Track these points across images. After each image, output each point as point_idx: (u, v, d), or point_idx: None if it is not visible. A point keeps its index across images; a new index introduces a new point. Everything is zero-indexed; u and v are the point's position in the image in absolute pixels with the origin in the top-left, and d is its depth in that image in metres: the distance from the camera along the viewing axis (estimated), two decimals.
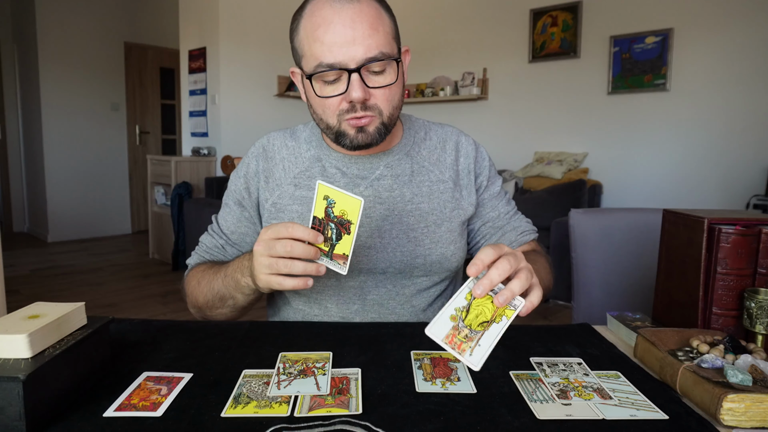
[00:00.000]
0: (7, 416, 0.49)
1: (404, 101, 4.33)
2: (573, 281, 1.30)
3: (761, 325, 0.67)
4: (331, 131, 0.85)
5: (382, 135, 0.84)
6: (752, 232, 0.71)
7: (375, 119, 0.82)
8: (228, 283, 0.85)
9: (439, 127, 1.01)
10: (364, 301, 0.91)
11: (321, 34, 0.77)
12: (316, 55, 0.78)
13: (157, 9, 5.95)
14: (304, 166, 0.94)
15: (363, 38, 0.77)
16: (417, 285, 0.93)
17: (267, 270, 0.72)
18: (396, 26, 0.85)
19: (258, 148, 0.98)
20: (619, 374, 0.65)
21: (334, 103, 0.81)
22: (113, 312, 3.25)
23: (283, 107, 4.98)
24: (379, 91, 0.81)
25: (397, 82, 0.83)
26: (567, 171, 4.11)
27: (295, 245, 0.69)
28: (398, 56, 0.82)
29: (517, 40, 4.57)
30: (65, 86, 5.35)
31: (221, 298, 0.87)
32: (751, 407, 0.53)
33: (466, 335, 0.59)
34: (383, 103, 0.82)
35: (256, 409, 0.55)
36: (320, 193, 0.69)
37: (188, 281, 0.95)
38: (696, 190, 3.74)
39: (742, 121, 3.52)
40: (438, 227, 0.92)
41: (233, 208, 0.98)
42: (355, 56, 0.77)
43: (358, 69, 0.77)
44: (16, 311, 0.59)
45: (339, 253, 0.70)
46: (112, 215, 5.82)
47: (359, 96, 0.78)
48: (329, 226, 0.70)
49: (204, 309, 0.91)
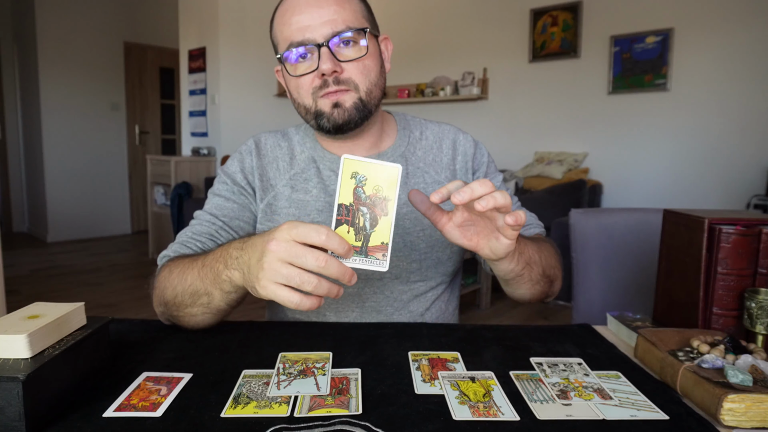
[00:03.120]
0: (7, 416, 0.49)
1: (404, 101, 4.29)
2: (573, 281, 1.30)
3: (761, 325, 0.67)
4: (310, 114, 0.84)
5: (361, 112, 0.83)
6: (752, 232, 0.71)
7: (350, 93, 0.81)
8: (205, 275, 0.69)
9: (437, 125, 0.99)
10: (362, 308, 0.90)
11: (289, 17, 0.81)
12: (286, 38, 0.81)
13: (157, 9, 5.95)
14: (299, 168, 0.92)
15: (329, 14, 0.79)
16: (414, 290, 0.92)
17: (281, 280, 0.57)
18: (368, 10, 0.86)
19: (250, 145, 0.94)
20: (619, 374, 0.65)
21: (307, 81, 0.82)
22: (113, 312, 3.25)
23: (282, 107, 4.98)
24: (351, 64, 0.81)
25: (369, 55, 0.82)
26: (567, 171, 4.11)
27: (330, 262, 0.55)
28: (369, 29, 0.82)
29: (517, 40, 4.57)
30: (65, 86, 5.35)
31: (192, 294, 0.71)
32: (752, 407, 0.53)
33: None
34: (358, 76, 0.81)
35: (256, 410, 0.55)
36: (346, 170, 0.56)
37: (159, 273, 0.80)
38: (696, 190, 3.74)
39: (742, 121, 3.51)
40: (434, 230, 0.91)
41: (230, 197, 0.90)
42: (323, 32, 0.79)
43: (326, 43, 0.79)
44: (15, 311, 0.59)
45: (376, 243, 0.58)
46: (112, 215, 5.82)
47: (329, 67, 0.78)
48: (360, 212, 0.57)
49: (170, 307, 0.76)
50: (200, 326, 0.77)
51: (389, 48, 0.90)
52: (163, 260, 0.84)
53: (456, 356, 0.69)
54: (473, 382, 0.62)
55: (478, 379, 0.63)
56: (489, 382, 0.62)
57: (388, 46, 0.90)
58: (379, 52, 0.87)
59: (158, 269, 0.82)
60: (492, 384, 0.61)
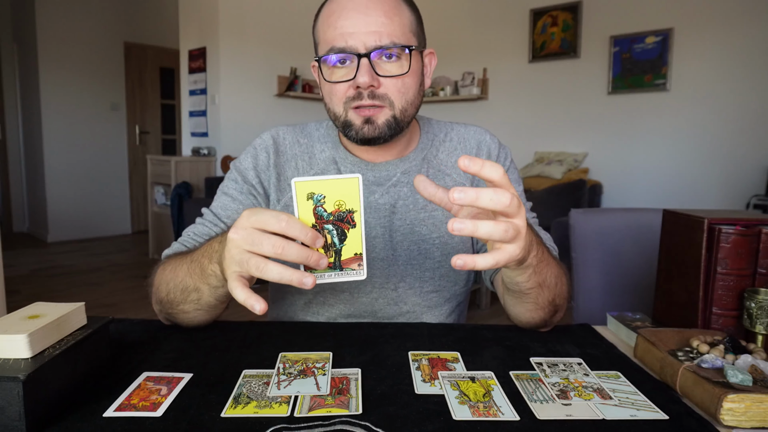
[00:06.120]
0: (7, 416, 0.49)
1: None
2: (573, 281, 1.30)
3: (761, 325, 0.67)
4: (339, 121, 0.82)
5: (393, 129, 0.80)
6: (752, 232, 0.71)
7: (384, 110, 0.79)
8: (193, 271, 0.68)
9: (463, 127, 0.96)
10: (374, 318, 0.89)
11: (335, 20, 0.78)
12: (328, 40, 0.78)
13: (157, 9, 5.95)
14: (319, 168, 0.89)
15: (376, 25, 0.76)
16: (427, 301, 0.90)
17: (237, 268, 0.56)
18: (419, 22, 0.83)
19: (267, 140, 0.91)
20: (619, 374, 0.65)
21: (342, 89, 0.79)
22: (113, 312, 3.25)
23: (283, 107, 4.98)
24: (390, 81, 0.78)
25: (411, 73, 0.79)
26: (567, 171, 4.11)
27: (288, 246, 0.53)
28: (415, 47, 0.80)
29: (517, 40, 4.57)
30: (65, 86, 5.35)
31: (183, 290, 0.71)
32: (751, 407, 0.53)
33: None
34: (395, 94, 0.78)
35: (256, 409, 0.55)
36: (300, 193, 0.55)
37: (156, 271, 0.79)
38: (696, 190, 3.74)
39: (741, 121, 3.52)
40: (451, 237, 0.89)
41: (237, 197, 0.88)
42: (366, 42, 0.76)
43: (368, 54, 0.76)
44: (16, 311, 0.59)
45: (349, 256, 0.57)
46: (112, 215, 5.82)
47: (366, 80, 0.75)
48: (326, 230, 0.56)
49: (165, 305, 0.75)
50: (195, 324, 0.77)
51: (433, 63, 0.87)
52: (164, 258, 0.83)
53: (456, 356, 0.69)
54: (473, 382, 0.62)
55: (478, 379, 0.63)
56: (489, 382, 0.62)
57: (432, 61, 0.87)
58: (422, 67, 0.84)
59: (157, 266, 0.81)
60: (492, 384, 0.61)
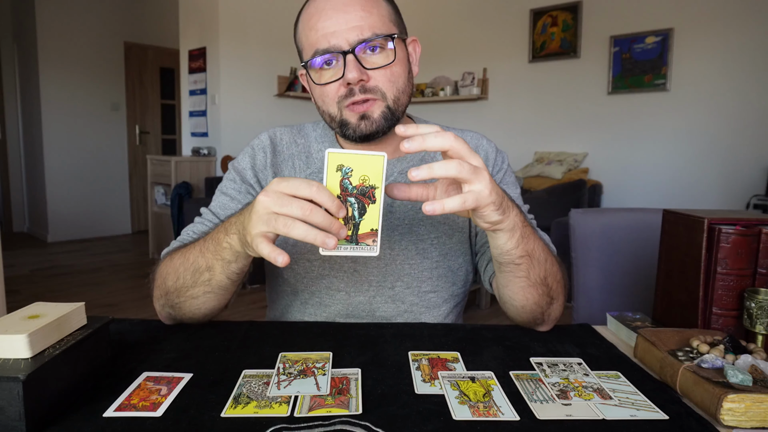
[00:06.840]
0: (7, 416, 0.49)
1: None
2: (573, 281, 1.30)
3: (761, 325, 0.67)
4: (335, 122, 0.82)
5: (389, 120, 0.80)
6: (752, 232, 0.71)
7: (378, 102, 0.79)
8: (206, 249, 0.72)
9: (460, 132, 0.96)
10: (373, 318, 0.89)
11: (315, 23, 0.78)
12: (312, 44, 0.79)
13: (157, 9, 5.95)
14: (316, 167, 0.90)
15: (356, 20, 0.76)
16: (425, 302, 0.90)
17: (265, 228, 0.59)
18: (396, 12, 0.84)
19: (264, 140, 0.92)
20: (619, 374, 0.65)
21: (333, 89, 0.79)
22: (113, 312, 3.25)
23: (283, 107, 4.98)
24: (378, 72, 0.78)
25: (397, 62, 0.79)
26: (567, 171, 4.11)
27: (315, 210, 0.57)
28: (397, 35, 0.80)
29: (517, 40, 4.57)
30: (65, 86, 5.35)
31: (194, 272, 0.73)
32: (752, 407, 0.53)
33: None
34: (385, 84, 0.79)
35: (256, 409, 0.55)
36: (332, 163, 0.58)
37: (159, 265, 0.81)
38: (696, 190, 3.74)
39: (742, 120, 3.52)
40: (449, 238, 0.89)
41: (235, 196, 0.89)
42: (349, 38, 0.76)
43: (352, 50, 0.76)
44: (16, 311, 0.59)
45: (365, 231, 0.60)
46: (112, 215, 5.82)
47: (355, 76, 0.76)
48: (348, 203, 0.60)
49: (172, 294, 0.76)
50: (201, 314, 0.78)
51: (417, 50, 0.87)
52: (163, 256, 0.84)
53: (456, 356, 0.69)
54: (473, 382, 0.62)
55: (478, 379, 0.63)
56: (489, 382, 0.62)
57: (417, 48, 0.87)
58: (407, 55, 0.84)
59: (158, 263, 0.83)
60: (492, 384, 0.61)
